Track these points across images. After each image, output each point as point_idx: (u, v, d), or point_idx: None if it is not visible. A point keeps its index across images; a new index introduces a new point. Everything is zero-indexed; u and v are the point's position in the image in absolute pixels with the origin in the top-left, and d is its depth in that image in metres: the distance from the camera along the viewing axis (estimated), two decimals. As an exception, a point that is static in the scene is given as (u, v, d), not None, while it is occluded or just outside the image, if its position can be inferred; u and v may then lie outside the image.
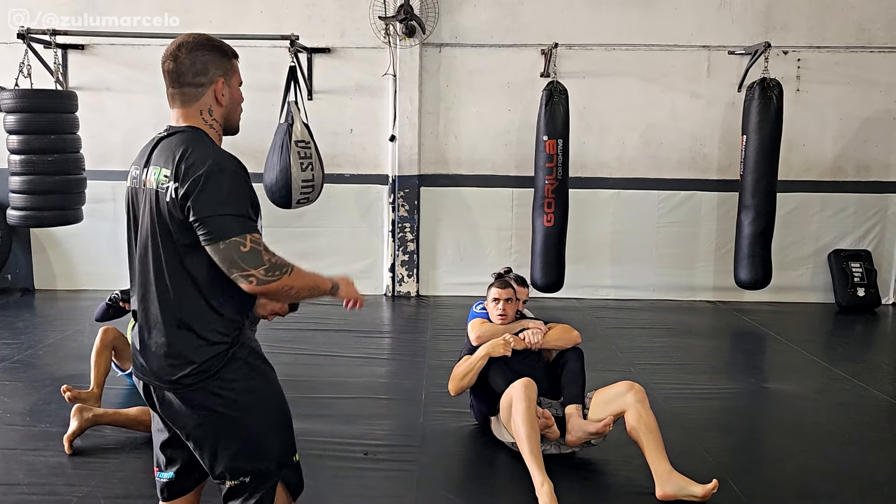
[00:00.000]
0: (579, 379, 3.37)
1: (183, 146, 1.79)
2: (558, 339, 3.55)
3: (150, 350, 1.86)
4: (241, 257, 1.75)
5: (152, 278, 1.85)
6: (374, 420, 3.75)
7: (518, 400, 3.04)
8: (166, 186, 1.77)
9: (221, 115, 1.92)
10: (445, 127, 6.75)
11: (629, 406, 3.11)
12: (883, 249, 6.81)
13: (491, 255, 6.88)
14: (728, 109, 6.64)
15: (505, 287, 3.59)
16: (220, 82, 1.90)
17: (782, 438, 3.60)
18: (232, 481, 1.89)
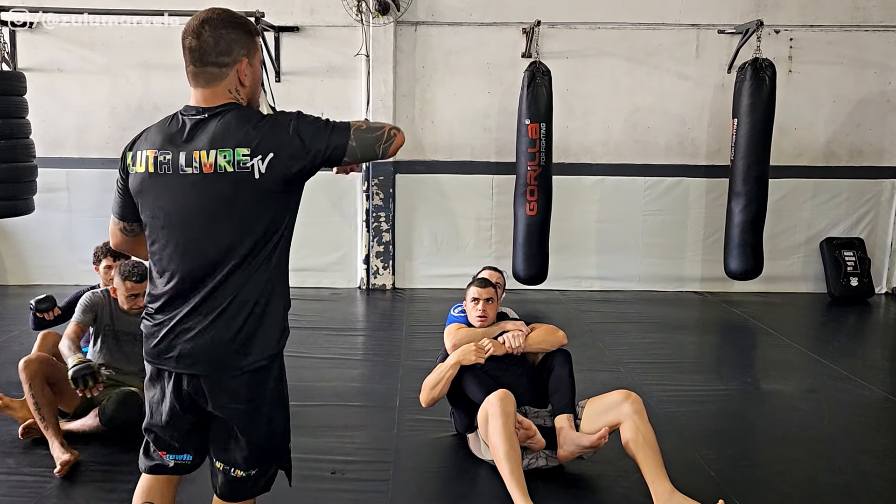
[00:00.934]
0: (568, 386, 3.07)
1: (248, 119, 1.75)
2: (542, 342, 3.23)
3: (208, 338, 1.78)
4: (369, 129, 1.78)
5: (219, 265, 1.76)
6: (344, 431, 3.42)
7: (494, 416, 2.73)
8: (251, 164, 1.72)
9: (246, 94, 1.83)
10: (422, 110, 6.39)
11: (625, 418, 2.81)
12: (876, 237, 6.58)
13: (470, 246, 6.55)
14: (717, 91, 6.34)
15: (485, 286, 3.27)
16: (244, 62, 1.81)
17: (787, 446, 3.32)
18: (243, 472, 1.91)
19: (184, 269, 1.79)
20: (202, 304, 1.78)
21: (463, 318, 3.29)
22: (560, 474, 2.97)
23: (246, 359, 1.80)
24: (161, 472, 1.99)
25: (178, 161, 1.76)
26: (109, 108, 6.34)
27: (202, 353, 1.79)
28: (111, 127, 6.35)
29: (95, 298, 3.39)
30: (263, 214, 1.77)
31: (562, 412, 2.96)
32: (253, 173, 1.72)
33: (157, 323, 1.84)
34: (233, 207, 1.75)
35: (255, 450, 1.88)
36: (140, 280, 3.31)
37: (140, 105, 6.30)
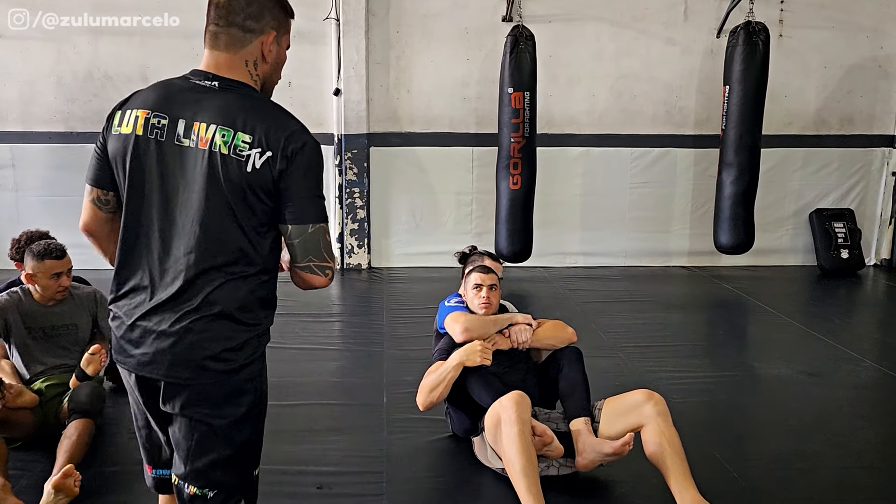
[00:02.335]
0: (582, 386, 2.78)
1: (263, 110, 1.59)
2: (550, 338, 2.94)
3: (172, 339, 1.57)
4: (325, 246, 1.64)
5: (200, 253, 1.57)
6: (328, 436, 3.09)
7: (509, 423, 2.42)
8: (247, 154, 1.54)
9: (263, 74, 1.66)
10: (397, 79, 5.99)
11: (648, 420, 2.54)
12: (865, 208, 6.42)
13: (450, 222, 6.23)
14: (706, 57, 6.07)
15: (488, 272, 2.96)
16: (272, 35, 1.65)
17: (808, 439, 3.09)
18: (196, 489, 1.67)
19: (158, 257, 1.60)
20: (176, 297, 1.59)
21: (462, 309, 2.98)
22: (572, 481, 2.69)
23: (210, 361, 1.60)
24: (161, 488, 1.87)
25: (176, 129, 1.58)
26: (55, 78, 5.82)
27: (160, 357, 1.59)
28: (58, 98, 5.85)
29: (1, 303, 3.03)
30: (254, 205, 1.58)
31: (577, 415, 2.67)
32: (250, 162, 1.55)
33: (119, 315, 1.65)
34: (229, 190, 1.55)
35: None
36: (61, 256, 2.99)
37: (89, 73, 5.79)
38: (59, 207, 5.91)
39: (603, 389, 3.49)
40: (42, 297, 3.06)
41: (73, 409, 2.86)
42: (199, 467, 1.65)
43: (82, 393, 2.91)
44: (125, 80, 5.79)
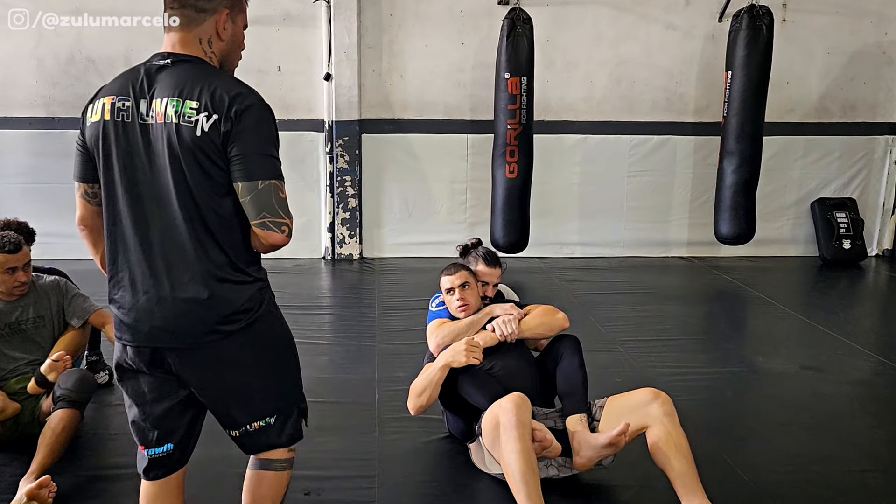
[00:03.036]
0: (580, 380, 2.63)
1: (209, 77, 1.67)
2: (538, 326, 2.78)
3: (173, 306, 1.68)
4: (278, 202, 1.67)
5: (176, 223, 1.66)
6: (316, 437, 2.93)
7: (509, 427, 2.28)
8: (195, 119, 1.62)
9: (220, 51, 1.75)
10: (389, 63, 5.81)
11: (654, 421, 2.40)
12: (867, 197, 6.29)
13: (443, 211, 6.07)
14: (707, 42, 5.91)
15: (455, 271, 2.81)
16: (225, 13, 1.73)
17: (821, 440, 2.96)
18: (259, 423, 1.84)
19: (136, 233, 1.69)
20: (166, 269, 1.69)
21: (444, 312, 2.83)
22: (574, 485, 2.56)
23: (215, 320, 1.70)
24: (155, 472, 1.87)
25: (140, 109, 1.67)
26: (36, 61, 5.61)
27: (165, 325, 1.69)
28: (39, 82, 5.64)
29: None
30: (210, 169, 1.65)
31: (574, 412, 2.53)
32: (198, 126, 1.62)
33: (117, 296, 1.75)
34: (185, 160, 1.63)
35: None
36: (15, 249, 2.83)
37: (71, 57, 5.59)
38: (41, 195, 5.74)
39: (604, 386, 3.37)
40: (2, 293, 2.90)
41: (61, 396, 2.71)
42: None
43: (71, 380, 2.75)
44: (108, 64, 5.60)
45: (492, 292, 2.97)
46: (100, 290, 4.95)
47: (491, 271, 2.95)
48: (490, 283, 2.94)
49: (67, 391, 2.72)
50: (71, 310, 3.01)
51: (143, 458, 1.87)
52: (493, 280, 2.95)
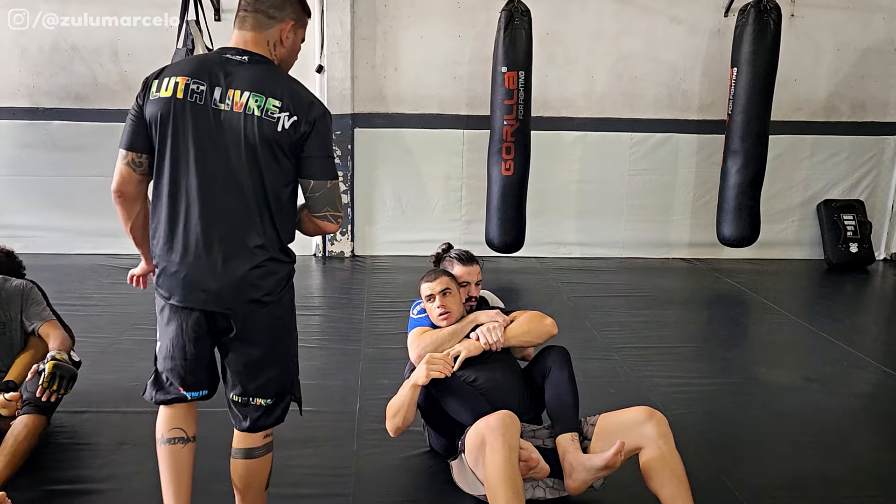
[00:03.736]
0: (570, 396, 2.46)
1: (285, 80, 1.92)
2: (525, 333, 2.62)
3: (223, 275, 1.88)
4: (338, 198, 1.98)
5: (242, 201, 1.88)
6: (291, 449, 2.77)
7: (495, 449, 2.11)
8: (277, 116, 1.85)
9: (280, 55, 1.98)
10: (384, 56, 5.63)
11: (648, 441, 2.23)
12: (876, 199, 6.11)
13: (438, 209, 5.90)
14: (713, 38, 5.72)
15: (435, 277, 2.63)
16: (290, 25, 1.96)
17: (828, 461, 2.78)
18: (261, 400, 2.03)
19: (200, 206, 1.86)
20: (223, 239, 1.88)
21: (426, 320, 2.65)
22: (562, 507, 2.39)
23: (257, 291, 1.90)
24: (179, 402, 2.11)
25: (213, 95, 1.86)
26: (19, 50, 5.44)
27: (217, 290, 1.88)
28: (22, 71, 5.49)
29: None
30: (283, 161, 1.90)
31: (564, 432, 2.36)
32: (279, 123, 1.86)
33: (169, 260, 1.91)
34: (262, 148, 1.86)
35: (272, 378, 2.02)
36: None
37: (55, 45, 5.42)
38: (25, 188, 5.61)
39: (597, 397, 3.21)
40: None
41: (27, 400, 2.55)
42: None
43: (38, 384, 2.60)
44: (93, 53, 5.43)
45: (476, 291, 2.80)
46: (79, 286, 4.81)
47: (469, 269, 2.78)
48: (471, 282, 2.77)
49: (34, 395, 2.57)
50: (27, 314, 2.84)
51: (170, 393, 2.10)
52: (474, 279, 2.79)
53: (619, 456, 2.20)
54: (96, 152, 5.54)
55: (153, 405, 3.02)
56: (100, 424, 2.88)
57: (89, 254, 5.63)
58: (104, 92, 5.52)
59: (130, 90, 5.53)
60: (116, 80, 5.51)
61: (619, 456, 2.19)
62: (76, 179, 5.58)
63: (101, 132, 5.52)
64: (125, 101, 5.50)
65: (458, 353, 2.47)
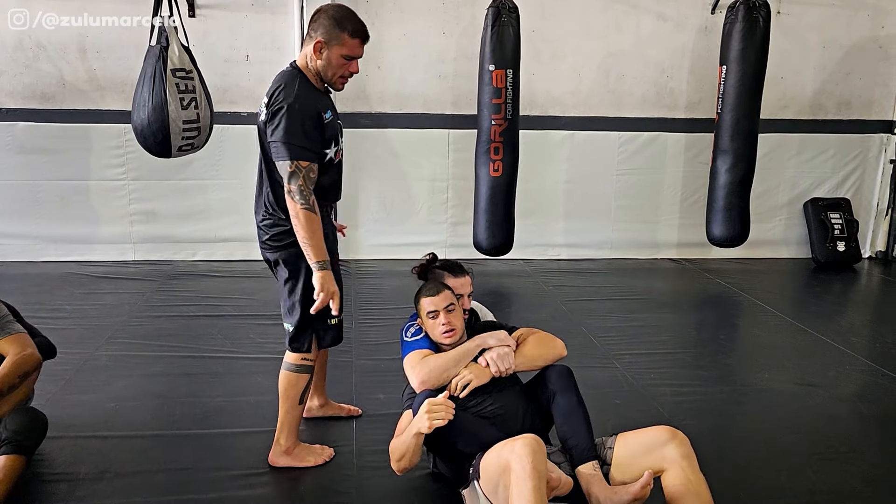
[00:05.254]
0: (582, 421, 2.33)
1: (278, 81, 2.41)
2: (537, 359, 2.47)
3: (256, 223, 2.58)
4: (287, 175, 2.34)
5: (261, 175, 2.54)
6: (285, 475, 2.61)
7: (524, 476, 1.94)
8: (262, 110, 2.45)
9: (316, 67, 2.43)
10: (366, 54, 5.39)
11: (671, 464, 2.11)
12: (861, 197, 6.10)
13: (423, 211, 5.75)
14: (699, 35, 5.64)
15: (438, 292, 2.49)
16: (319, 42, 2.39)
17: (846, 472, 2.68)
18: (285, 325, 2.60)
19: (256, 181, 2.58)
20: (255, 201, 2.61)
21: (424, 342, 2.48)
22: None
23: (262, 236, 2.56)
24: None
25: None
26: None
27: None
28: (-16, 70, 5.20)
29: None
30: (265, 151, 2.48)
31: (583, 461, 2.23)
32: (260, 116, 2.47)
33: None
34: (260, 137, 2.51)
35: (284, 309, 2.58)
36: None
37: (19, 43, 5.15)
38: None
39: (603, 409, 3.11)
40: None
41: (6, 440, 2.35)
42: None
43: (18, 421, 2.40)
44: (60, 50, 5.17)
45: (468, 304, 2.66)
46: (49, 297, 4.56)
47: (462, 281, 2.63)
48: (464, 294, 2.63)
49: (13, 433, 2.37)
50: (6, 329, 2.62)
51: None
52: (467, 290, 2.64)
53: (647, 488, 2.08)
54: (64, 155, 5.29)
55: (135, 429, 2.87)
56: (78, 451, 2.67)
57: (59, 261, 5.37)
58: (72, 91, 5.26)
59: (100, 89, 5.31)
60: (85, 79, 5.25)
61: (648, 488, 2.08)
62: (44, 183, 5.32)
63: (69, 133, 5.28)
64: (94, 100, 5.27)
65: (467, 382, 2.33)
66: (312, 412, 3.01)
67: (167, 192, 5.44)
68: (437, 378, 2.35)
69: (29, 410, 2.52)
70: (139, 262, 5.46)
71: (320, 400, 3.03)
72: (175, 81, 4.26)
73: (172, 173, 5.35)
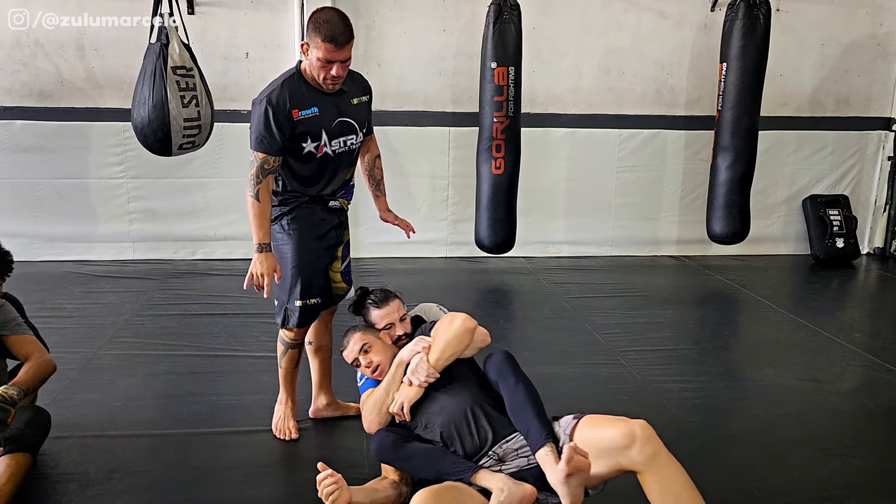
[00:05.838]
0: (527, 406, 2.18)
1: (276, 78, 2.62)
2: (447, 350, 2.34)
3: None
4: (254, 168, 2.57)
5: None
6: (292, 470, 2.60)
7: None
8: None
9: (306, 66, 2.57)
10: (366, 51, 5.44)
11: (640, 466, 1.98)
12: (860, 194, 6.12)
13: (424, 209, 5.73)
14: (699, 33, 5.65)
15: (350, 338, 2.57)
16: (304, 45, 2.53)
17: (856, 467, 2.70)
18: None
19: None
20: None
21: (370, 382, 2.50)
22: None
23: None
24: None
25: None
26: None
27: None
28: (-19, 68, 5.16)
29: None
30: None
31: (539, 448, 2.10)
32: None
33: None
34: None
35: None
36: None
37: (17, 41, 5.11)
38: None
39: (609, 405, 3.12)
40: None
41: (9, 438, 2.33)
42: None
43: (21, 419, 2.38)
44: (58, 48, 5.13)
45: (403, 328, 2.60)
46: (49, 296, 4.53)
47: (386, 311, 2.58)
48: (394, 321, 2.59)
49: (17, 431, 2.35)
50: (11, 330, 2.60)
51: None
52: (395, 317, 2.59)
53: (571, 463, 1.95)
54: (62, 153, 5.25)
55: (142, 428, 2.85)
56: (86, 451, 2.65)
57: (57, 261, 5.33)
58: (70, 89, 5.23)
59: (99, 87, 5.27)
60: (83, 77, 5.21)
61: (573, 463, 1.95)
62: (42, 182, 5.28)
63: (67, 132, 5.24)
64: (93, 99, 5.23)
65: (400, 407, 2.30)
66: (320, 412, 3.00)
67: (166, 191, 5.41)
68: (377, 415, 2.33)
69: (31, 408, 2.50)
70: (138, 262, 5.43)
71: (327, 398, 3.02)
72: (175, 79, 4.25)
73: (171, 171, 5.32)
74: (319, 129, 2.57)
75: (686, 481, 2.01)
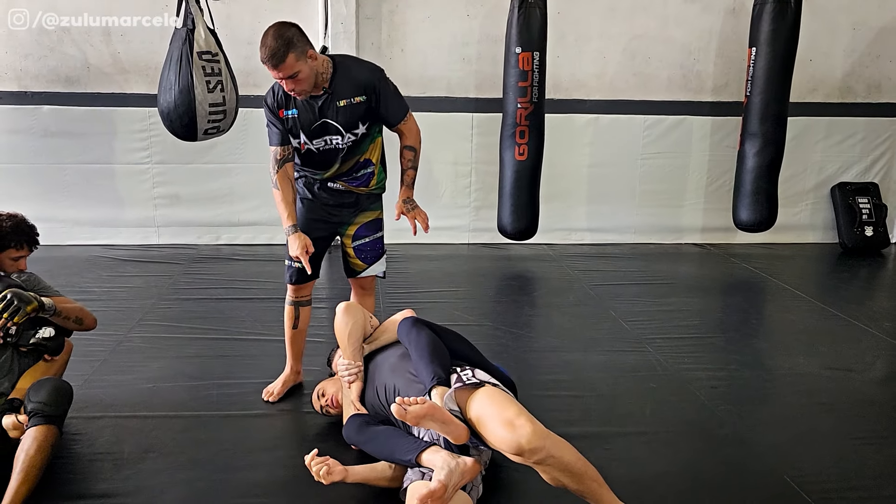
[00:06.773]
0: (420, 352, 2.29)
1: None
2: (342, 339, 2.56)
3: None
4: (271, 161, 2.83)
5: None
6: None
7: None
8: None
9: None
10: (389, 36, 5.42)
11: (536, 467, 1.96)
12: (890, 182, 6.02)
13: (446, 195, 5.73)
14: (728, 17, 5.57)
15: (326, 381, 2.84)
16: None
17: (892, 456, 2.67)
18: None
19: None
20: None
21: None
22: None
23: None
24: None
25: None
26: (5, 30, 5.15)
27: None
28: (9, 53, 5.20)
29: None
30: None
31: (430, 389, 2.16)
32: None
33: None
34: None
35: None
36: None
37: (41, 27, 5.13)
38: (15, 176, 5.34)
39: (637, 392, 3.13)
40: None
41: (33, 411, 2.35)
42: None
43: (44, 391, 2.39)
44: (84, 34, 5.16)
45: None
46: (78, 279, 4.58)
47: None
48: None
49: (41, 404, 2.36)
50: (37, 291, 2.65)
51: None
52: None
53: (406, 412, 1.95)
54: (89, 138, 5.29)
55: (174, 409, 2.88)
56: (120, 431, 2.68)
57: (85, 244, 5.39)
58: (97, 75, 5.26)
59: (124, 72, 5.30)
60: (109, 63, 5.24)
61: (410, 409, 1.95)
62: (69, 167, 5.32)
63: (93, 117, 5.28)
64: (119, 84, 5.26)
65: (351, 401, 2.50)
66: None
67: (191, 176, 5.44)
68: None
69: (52, 380, 2.49)
70: (163, 246, 5.47)
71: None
72: (201, 64, 4.24)
73: (196, 157, 5.35)
74: (298, 129, 2.76)
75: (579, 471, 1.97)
